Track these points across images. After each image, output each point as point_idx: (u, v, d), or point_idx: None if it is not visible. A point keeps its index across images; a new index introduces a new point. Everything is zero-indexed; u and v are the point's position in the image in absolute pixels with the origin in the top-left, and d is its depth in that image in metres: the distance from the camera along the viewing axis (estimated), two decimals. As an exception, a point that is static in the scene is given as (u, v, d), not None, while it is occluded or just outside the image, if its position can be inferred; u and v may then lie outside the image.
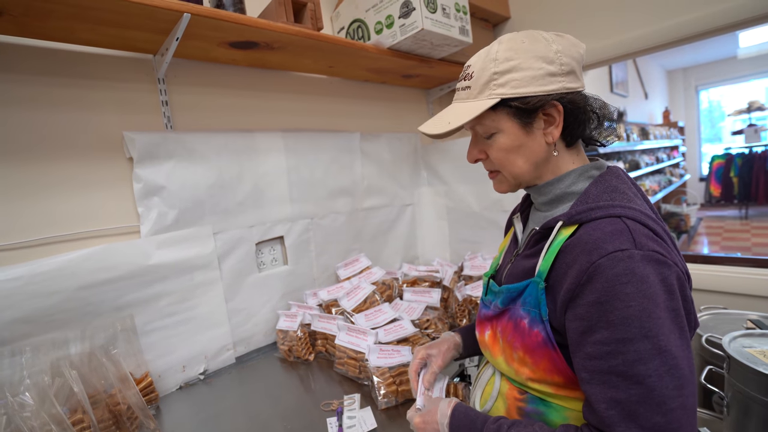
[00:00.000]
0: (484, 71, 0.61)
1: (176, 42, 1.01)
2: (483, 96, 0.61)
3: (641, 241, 0.52)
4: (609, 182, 0.62)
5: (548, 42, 0.60)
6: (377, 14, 1.37)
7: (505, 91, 0.60)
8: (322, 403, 1.01)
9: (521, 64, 0.59)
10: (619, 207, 0.56)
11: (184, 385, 1.17)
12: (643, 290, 0.49)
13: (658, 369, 0.47)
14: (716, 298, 1.47)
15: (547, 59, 0.59)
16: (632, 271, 0.50)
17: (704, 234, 5.25)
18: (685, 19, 1.40)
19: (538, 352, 0.59)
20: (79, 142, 1.04)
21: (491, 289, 0.72)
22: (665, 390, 0.47)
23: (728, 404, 0.93)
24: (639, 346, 0.48)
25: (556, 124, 0.62)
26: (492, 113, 0.62)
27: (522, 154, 0.64)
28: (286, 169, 1.43)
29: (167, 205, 1.15)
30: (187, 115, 1.25)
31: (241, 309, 1.32)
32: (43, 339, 0.92)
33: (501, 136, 0.63)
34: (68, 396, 0.80)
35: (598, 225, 0.55)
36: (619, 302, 0.49)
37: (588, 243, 0.54)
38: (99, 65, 1.07)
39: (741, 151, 5.80)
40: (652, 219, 0.57)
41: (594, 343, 0.51)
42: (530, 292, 0.61)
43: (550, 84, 0.59)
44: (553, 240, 0.60)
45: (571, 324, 0.54)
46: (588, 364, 0.52)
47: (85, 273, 0.97)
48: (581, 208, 0.58)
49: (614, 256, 0.51)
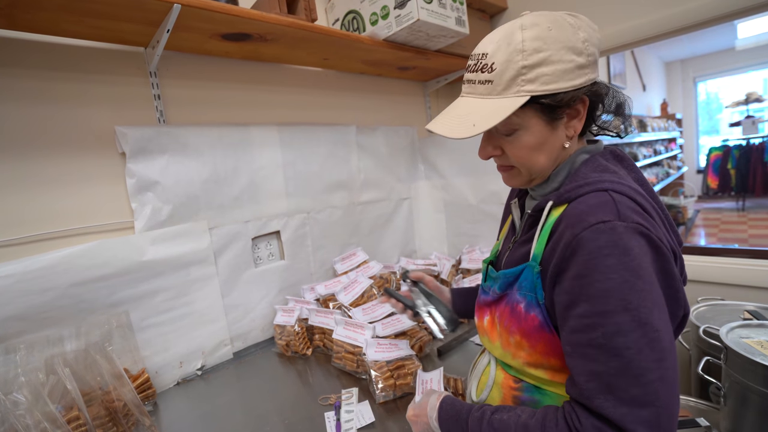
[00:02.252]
0: (510, 64, 0.55)
1: (167, 34, 0.99)
2: (510, 92, 0.56)
3: (625, 213, 0.51)
4: (598, 162, 0.61)
5: (575, 29, 0.56)
6: (372, 5, 1.35)
7: (534, 87, 0.54)
8: (320, 397, 1.01)
9: (552, 56, 0.54)
10: (608, 182, 0.55)
11: (182, 381, 1.16)
12: (625, 262, 0.48)
13: (637, 341, 0.47)
14: (713, 289, 1.47)
15: (576, 50, 0.55)
16: (614, 242, 0.49)
17: (701, 226, 5.26)
18: (684, 9, 1.38)
19: (535, 336, 0.59)
20: (70, 138, 1.03)
21: (490, 275, 0.72)
22: (644, 362, 0.47)
23: (725, 395, 0.93)
24: (619, 318, 0.47)
25: (580, 117, 0.59)
26: (518, 110, 0.56)
27: (544, 151, 0.60)
28: (282, 164, 1.42)
29: (161, 200, 1.13)
30: (181, 109, 1.23)
31: (237, 304, 1.31)
32: (37, 336, 0.91)
33: (525, 134, 0.59)
34: (63, 394, 0.80)
35: (583, 199, 0.54)
36: (599, 274, 0.49)
37: (572, 216, 0.53)
38: (89, 59, 1.05)
39: (738, 143, 5.80)
40: (641, 194, 0.56)
41: (576, 316, 0.51)
42: (526, 276, 0.61)
43: (579, 77, 0.55)
44: (544, 222, 0.59)
45: (557, 298, 0.54)
46: (570, 337, 0.52)
47: (79, 270, 0.96)
48: (569, 186, 0.58)
49: (597, 227, 0.50)
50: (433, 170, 1.92)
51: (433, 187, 1.93)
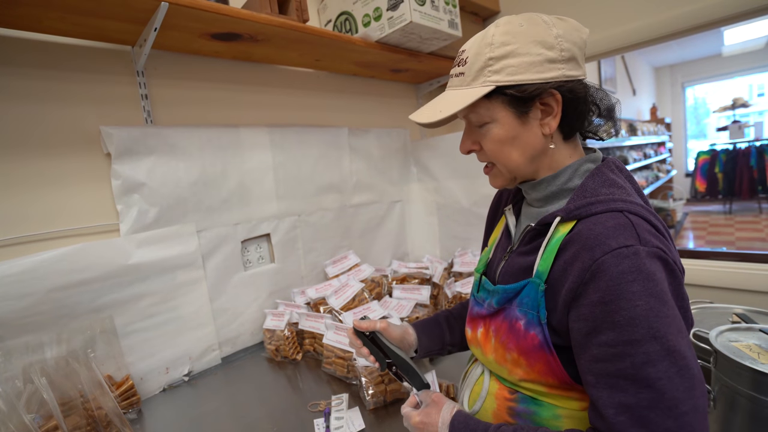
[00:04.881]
0: (479, 56, 0.57)
1: (155, 33, 0.97)
2: (477, 83, 0.58)
3: (645, 237, 0.50)
4: (606, 175, 0.59)
5: (548, 25, 0.57)
6: (365, 6, 1.34)
7: (500, 78, 0.56)
8: (310, 403, 0.99)
9: (518, 49, 0.55)
10: (620, 201, 0.54)
11: (168, 388, 1.13)
12: (650, 288, 0.47)
13: (668, 371, 0.45)
14: (702, 292, 1.48)
15: (547, 44, 0.55)
16: (638, 268, 0.47)
17: (690, 229, 5.34)
18: (673, 14, 1.40)
19: (534, 355, 0.56)
20: (54, 138, 1.00)
21: (484, 287, 0.69)
22: (676, 392, 0.45)
23: (715, 398, 0.93)
24: (647, 347, 0.45)
25: (554, 114, 0.58)
26: (486, 101, 0.58)
27: (517, 146, 0.60)
28: (273, 166, 1.40)
29: (148, 202, 1.11)
30: (169, 109, 1.20)
31: (226, 308, 1.29)
32: (15, 343, 0.88)
33: (494, 126, 0.60)
34: (41, 403, 0.77)
35: (599, 219, 0.52)
36: (625, 302, 0.47)
37: (589, 239, 0.51)
38: (74, 57, 1.03)
39: (725, 147, 5.91)
40: (653, 214, 0.55)
41: (599, 344, 0.48)
42: (528, 292, 0.58)
43: (548, 71, 0.56)
44: (551, 237, 0.57)
45: (575, 324, 0.52)
46: (594, 367, 0.49)
47: (60, 274, 0.93)
48: (580, 203, 0.55)
49: (619, 252, 0.48)
50: (425, 173, 1.91)
51: (425, 190, 1.92)
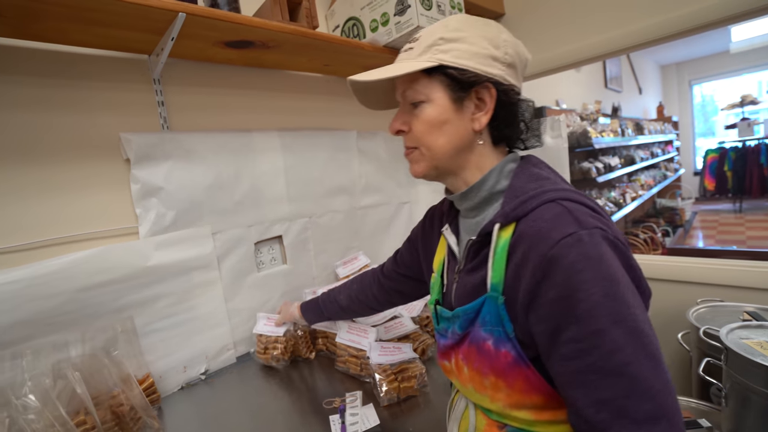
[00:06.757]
0: (431, 36, 0.60)
1: (171, 42, 1.00)
2: (423, 58, 0.59)
3: (584, 220, 0.49)
4: (530, 170, 0.60)
5: (500, 30, 0.60)
6: (372, 12, 1.36)
7: (445, 57, 0.58)
8: (324, 400, 1.01)
9: (468, 38, 0.58)
10: (551, 191, 0.53)
11: (186, 386, 1.16)
12: (602, 272, 0.46)
13: (636, 353, 0.44)
14: (713, 290, 1.48)
15: (493, 42, 0.58)
16: (586, 255, 0.46)
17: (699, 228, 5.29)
18: (679, 14, 1.41)
19: (511, 374, 0.54)
20: (75, 144, 1.03)
21: (442, 315, 0.66)
22: (647, 373, 0.44)
23: (726, 396, 0.94)
24: (612, 334, 0.45)
25: (486, 111, 0.59)
26: (427, 79, 0.60)
27: (446, 132, 0.60)
28: (284, 168, 1.43)
29: (165, 205, 1.14)
30: (184, 115, 1.24)
31: (241, 309, 1.32)
32: (43, 342, 0.91)
33: (429, 107, 0.60)
34: (70, 398, 0.80)
35: (536, 215, 0.52)
36: (581, 293, 0.46)
37: (533, 236, 0.50)
38: (94, 66, 1.06)
39: (734, 145, 5.85)
40: (585, 196, 0.54)
41: (566, 342, 0.47)
42: (488, 309, 0.55)
43: (490, 66, 0.58)
44: (496, 245, 0.55)
45: (537, 328, 0.50)
46: (564, 367, 0.48)
47: (85, 275, 0.97)
48: (514, 203, 0.55)
49: (563, 243, 0.47)
50: (433, 174, 1.93)
51: (432, 192, 1.94)
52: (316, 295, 1.15)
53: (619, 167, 3.74)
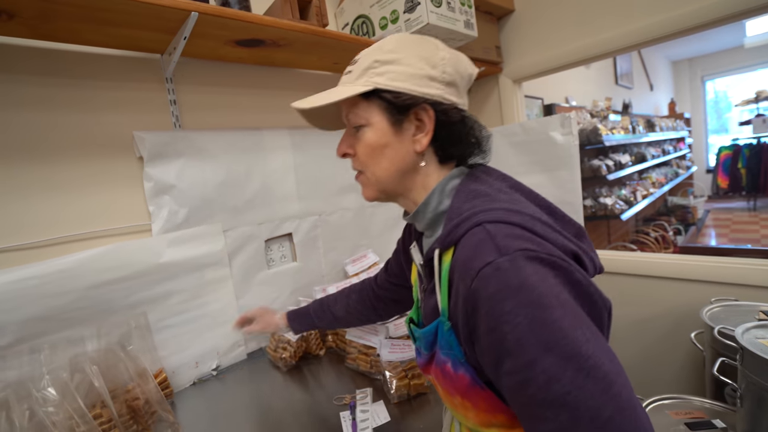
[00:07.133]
0: (367, 58, 0.59)
1: (184, 41, 1.01)
2: (359, 82, 0.59)
3: (505, 244, 0.46)
4: (468, 187, 0.58)
5: (437, 48, 0.59)
6: (382, 9, 1.36)
7: (380, 80, 0.57)
8: (335, 397, 1.02)
9: (403, 59, 0.57)
10: (480, 212, 0.51)
11: (198, 381, 1.18)
12: (524, 299, 0.43)
13: (574, 380, 0.40)
14: (727, 289, 1.46)
15: (430, 62, 0.57)
16: (505, 284, 0.44)
17: (712, 226, 5.20)
18: (692, 8, 1.38)
19: (471, 394, 0.53)
20: (90, 143, 1.05)
21: (414, 334, 0.66)
22: (591, 401, 0.40)
23: (742, 396, 0.93)
24: (543, 363, 0.41)
25: (426, 132, 0.59)
26: (365, 103, 0.60)
27: (387, 156, 0.60)
28: (294, 167, 1.44)
29: (178, 203, 1.16)
30: (195, 114, 1.25)
31: (251, 305, 1.33)
32: (59, 337, 0.93)
33: (368, 131, 0.60)
34: (87, 391, 0.82)
35: (465, 242, 0.50)
36: (506, 325, 0.43)
37: (461, 266, 0.49)
38: (108, 66, 1.08)
39: (749, 142, 5.74)
40: (515, 211, 0.51)
41: (506, 374, 0.45)
42: (441, 333, 0.55)
43: (427, 87, 0.57)
44: (440, 271, 0.54)
45: (482, 359, 0.49)
46: (512, 399, 0.46)
47: (98, 272, 0.98)
48: (449, 227, 0.53)
49: (482, 273, 0.45)
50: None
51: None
52: (308, 303, 1.12)
53: (629, 165, 3.69)
